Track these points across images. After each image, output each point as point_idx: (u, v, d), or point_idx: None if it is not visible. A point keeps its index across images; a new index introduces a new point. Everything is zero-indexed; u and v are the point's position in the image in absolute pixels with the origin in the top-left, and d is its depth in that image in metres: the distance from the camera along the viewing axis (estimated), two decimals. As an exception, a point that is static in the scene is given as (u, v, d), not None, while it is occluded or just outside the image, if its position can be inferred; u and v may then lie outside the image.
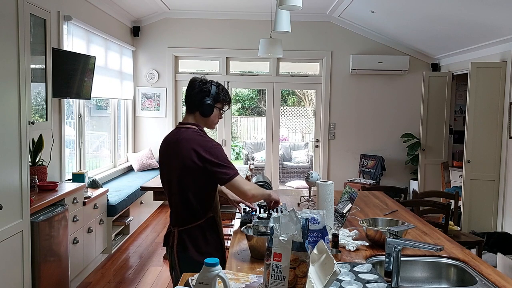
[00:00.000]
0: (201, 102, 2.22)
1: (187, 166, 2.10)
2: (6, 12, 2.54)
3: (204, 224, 2.19)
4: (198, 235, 2.17)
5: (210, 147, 2.11)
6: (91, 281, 4.04)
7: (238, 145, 11.71)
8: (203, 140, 2.14)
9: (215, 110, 2.26)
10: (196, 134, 2.18)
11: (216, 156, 2.10)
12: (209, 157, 2.09)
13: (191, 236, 2.17)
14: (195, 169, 2.10)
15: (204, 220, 2.19)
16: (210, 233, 2.21)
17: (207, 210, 2.20)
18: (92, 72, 4.61)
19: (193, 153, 2.09)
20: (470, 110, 5.14)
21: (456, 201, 4.05)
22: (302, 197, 3.21)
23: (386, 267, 1.72)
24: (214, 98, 2.24)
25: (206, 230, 2.19)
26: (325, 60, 6.88)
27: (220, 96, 2.27)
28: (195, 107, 2.24)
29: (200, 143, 2.12)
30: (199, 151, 2.09)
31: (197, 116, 2.25)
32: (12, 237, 2.60)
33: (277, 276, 1.40)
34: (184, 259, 2.18)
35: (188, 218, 2.18)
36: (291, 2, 3.22)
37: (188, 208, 2.17)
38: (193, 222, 2.17)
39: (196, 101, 2.23)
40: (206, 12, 6.67)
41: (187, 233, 2.17)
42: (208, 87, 2.25)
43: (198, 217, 2.17)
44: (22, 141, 2.70)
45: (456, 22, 5.11)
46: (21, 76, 2.67)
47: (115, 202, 4.62)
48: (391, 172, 6.94)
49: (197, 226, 2.17)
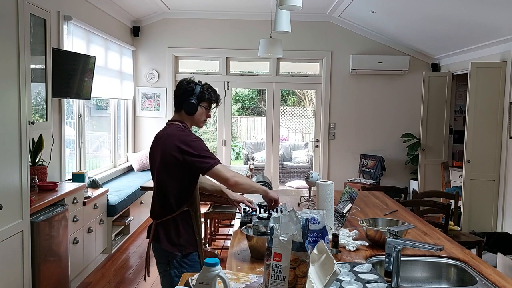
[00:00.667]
0: (185, 100, 2.31)
1: (166, 160, 2.21)
2: (6, 12, 2.54)
3: (177, 217, 2.26)
4: (171, 227, 2.26)
5: (189, 141, 2.21)
6: (91, 281, 4.04)
7: (238, 145, 11.71)
8: (183, 135, 2.24)
9: (200, 108, 2.35)
10: (178, 130, 2.28)
11: (195, 148, 2.19)
12: (188, 149, 2.18)
13: (164, 228, 2.27)
14: (173, 163, 2.20)
15: (178, 213, 2.26)
16: (184, 226, 2.27)
17: (182, 204, 2.26)
18: (92, 72, 4.61)
19: (173, 146, 2.19)
20: (470, 110, 5.14)
21: (456, 201, 4.05)
22: (302, 197, 3.21)
23: (386, 267, 1.72)
24: (198, 97, 2.33)
25: (179, 223, 2.27)
26: (325, 60, 6.88)
27: (204, 95, 2.35)
28: (180, 105, 2.35)
29: (180, 137, 2.22)
30: (179, 145, 2.19)
31: (183, 115, 2.35)
32: (12, 237, 2.60)
33: (277, 276, 1.40)
34: (156, 249, 2.32)
35: (163, 211, 2.28)
36: (291, 2, 3.22)
37: (163, 201, 2.27)
38: (167, 215, 2.26)
39: (181, 100, 2.33)
40: (206, 12, 6.67)
41: (162, 225, 2.28)
42: (192, 87, 2.34)
43: (172, 210, 2.25)
44: (22, 141, 2.70)
45: (456, 22, 5.11)
46: (21, 76, 2.67)
47: (115, 202, 4.62)
48: (391, 172, 6.94)
49: (171, 219, 2.26)
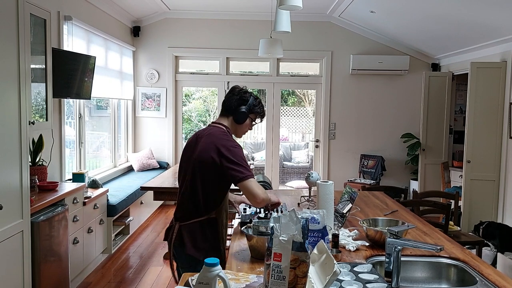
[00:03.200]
0: (237, 108, 2.32)
1: (204, 159, 2.18)
2: (6, 12, 2.54)
3: (204, 221, 2.22)
4: (197, 230, 2.22)
5: (230, 146, 2.19)
6: (91, 281, 4.04)
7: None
8: (225, 139, 2.22)
9: (248, 119, 2.36)
10: (222, 133, 2.26)
11: (234, 155, 2.17)
12: (227, 154, 2.15)
13: (190, 231, 2.22)
14: (210, 163, 2.16)
15: (205, 218, 2.22)
16: (210, 231, 2.24)
17: (211, 209, 2.23)
18: (92, 72, 4.61)
19: (213, 147, 2.17)
20: (470, 110, 5.14)
21: (456, 201, 4.05)
22: (302, 197, 3.21)
23: (386, 267, 1.72)
24: (250, 108, 2.34)
25: (206, 227, 2.22)
26: (325, 60, 6.88)
27: (256, 107, 2.36)
28: (230, 111, 2.34)
29: (222, 141, 2.20)
30: (219, 147, 2.16)
31: (230, 121, 2.35)
32: (12, 237, 2.60)
33: (277, 276, 1.40)
34: (180, 254, 2.25)
35: (191, 212, 2.22)
36: (291, 2, 3.22)
37: (193, 201, 2.22)
38: (195, 218, 2.21)
39: (233, 106, 2.33)
40: (206, 12, 6.67)
41: (187, 228, 2.22)
42: (248, 97, 2.34)
43: (200, 213, 2.21)
44: (22, 141, 2.70)
45: (456, 22, 5.11)
46: (21, 76, 2.67)
47: (115, 202, 4.63)
48: (391, 172, 6.94)
49: (198, 222, 2.22)
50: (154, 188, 4.46)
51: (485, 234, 4.37)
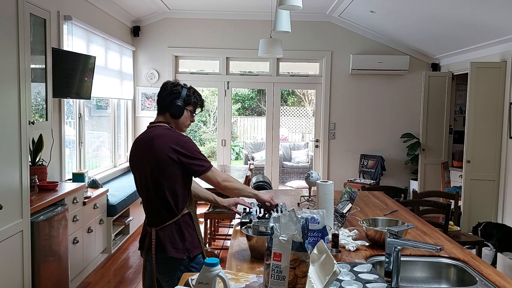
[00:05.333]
0: (171, 103, 2.26)
1: (161, 162, 2.14)
2: (6, 12, 2.54)
3: (180, 221, 2.20)
4: (175, 232, 2.19)
5: (183, 142, 2.17)
6: (91, 281, 4.04)
7: (238, 145, 11.71)
8: (175, 135, 2.20)
9: (186, 112, 2.30)
10: (168, 130, 2.23)
11: (190, 150, 2.16)
12: (183, 150, 2.14)
13: (167, 234, 2.18)
14: (169, 163, 2.14)
15: (179, 216, 2.20)
16: (187, 229, 2.22)
17: (183, 206, 2.22)
18: (92, 72, 4.61)
19: (166, 147, 2.14)
20: (470, 110, 5.14)
21: (456, 201, 4.05)
22: (302, 197, 3.21)
23: (386, 267, 1.72)
24: (184, 100, 2.28)
25: (182, 227, 2.20)
26: (325, 60, 6.88)
27: (191, 98, 2.30)
28: (165, 108, 2.28)
29: (173, 138, 2.17)
30: (173, 146, 2.14)
31: (167, 117, 2.29)
32: (12, 237, 2.60)
33: (277, 276, 1.40)
34: (160, 260, 2.19)
35: (164, 216, 2.19)
36: (291, 2, 3.22)
37: (164, 205, 2.18)
38: (169, 220, 2.19)
39: (166, 102, 2.27)
40: (206, 12, 6.67)
41: (164, 232, 2.19)
42: (179, 89, 2.28)
43: (174, 214, 2.19)
44: (22, 141, 2.70)
45: (456, 22, 5.11)
46: (21, 76, 2.67)
47: (115, 202, 4.62)
48: (391, 172, 6.94)
49: (173, 224, 2.19)
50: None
51: (484, 234, 4.37)
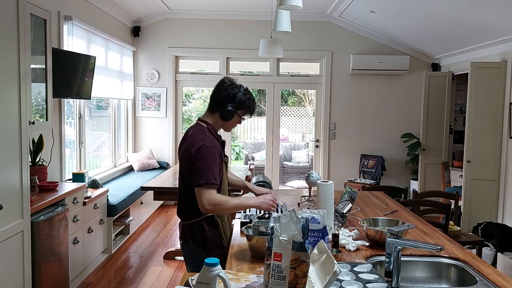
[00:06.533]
0: (224, 106, 2.22)
1: (185, 161, 2.17)
2: (6, 12, 2.54)
3: (203, 221, 2.23)
4: (197, 231, 2.23)
5: (203, 149, 2.11)
6: (92, 281, 4.04)
7: (238, 145, 11.70)
8: (201, 139, 2.16)
9: (235, 116, 2.26)
10: (200, 132, 2.21)
11: (203, 159, 2.10)
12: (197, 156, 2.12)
13: (190, 231, 2.24)
14: (189, 164, 2.15)
15: (202, 218, 2.22)
16: (210, 229, 2.24)
17: None
18: (92, 72, 4.61)
19: (189, 149, 2.15)
20: (470, 110, 5.14)
21: (456, 201, 4.05)
22: (302, 197, 3.21)
23: (386, 267, 1.72)
24: (237, 105, 2.24)
25: (205, 227, 2.22)
26: (325, 60, 6.88)
27: (244, 104, 2.26)
28: (216, 108, 2.26)
29: (198, 142, 2.15)
30: (193, 150, 2.13)
31: (216, 117, 2.27)
32: (12, 237, 2.60)
33: (278, 276, 1.40)
34: (186, 250, 2.28)
35: (187, 214, 2.24)
36: (291, 2, 3.22)
37: (187, 203, 2.22)
38: (192, 219, 2.23)
39: (220, 103, 2.24)
40: (206, 12, 6.67)
41: (187, 227, 2.25)
42: (235, 93, 2.23)
43: (197, 214, 2.20)
44: (22, 141, 2.69)
45: (456, 22, 5.11)
46: (21, 76, 2.67)
47: (115, 202, 4.63)
48: (391, 172, 6.94)
49: (196, 223, 2.23)
50: (154, 188, 4.46)
51: (484, 234, 4.37)
